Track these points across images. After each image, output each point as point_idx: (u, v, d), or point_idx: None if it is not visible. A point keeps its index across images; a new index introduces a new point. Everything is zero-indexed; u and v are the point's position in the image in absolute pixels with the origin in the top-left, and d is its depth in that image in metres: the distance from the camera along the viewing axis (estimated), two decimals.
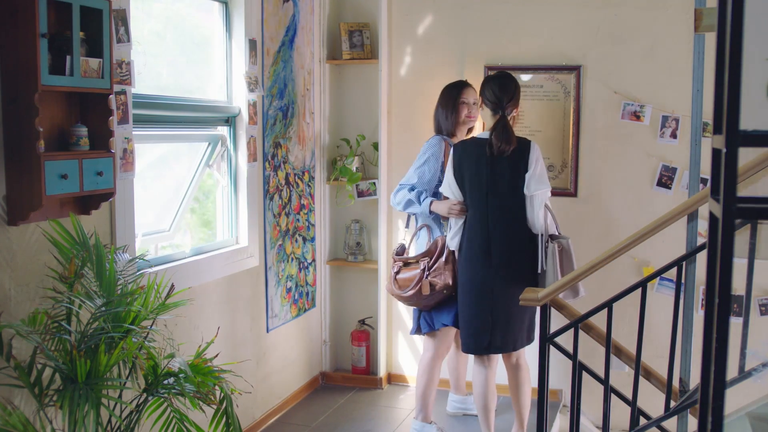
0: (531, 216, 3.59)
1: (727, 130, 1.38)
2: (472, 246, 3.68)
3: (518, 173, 3.60)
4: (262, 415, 4.25)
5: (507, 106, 3.63)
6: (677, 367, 3.10)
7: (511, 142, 3.59)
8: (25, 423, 2.30)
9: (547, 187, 3.62)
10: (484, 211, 3.65)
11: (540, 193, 3.58)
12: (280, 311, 4.40)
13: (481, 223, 3.66)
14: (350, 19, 4.90)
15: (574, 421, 3.10)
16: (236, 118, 3.97)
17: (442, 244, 3.83)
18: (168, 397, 2.61)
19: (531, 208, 3.59)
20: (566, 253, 3.59)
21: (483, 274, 3.64)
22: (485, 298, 3.65)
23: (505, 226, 3.63)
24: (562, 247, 3.59)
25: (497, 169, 3.63)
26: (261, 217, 4.16)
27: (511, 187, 3.61)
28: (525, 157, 3.60)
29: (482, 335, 3.68)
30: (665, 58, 4.34)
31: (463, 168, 3.70)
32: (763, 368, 2.73)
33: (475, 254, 3.66)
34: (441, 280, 3.78)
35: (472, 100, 4.05)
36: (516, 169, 3.60)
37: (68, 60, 2.55)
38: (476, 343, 3.70)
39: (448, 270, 3.78)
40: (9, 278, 2.57)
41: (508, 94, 3.63)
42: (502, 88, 3.64)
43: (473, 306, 3.69)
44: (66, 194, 2.60)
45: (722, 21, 1.41)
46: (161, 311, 2.68)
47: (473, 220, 3.69)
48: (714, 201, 1.52)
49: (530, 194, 3.58)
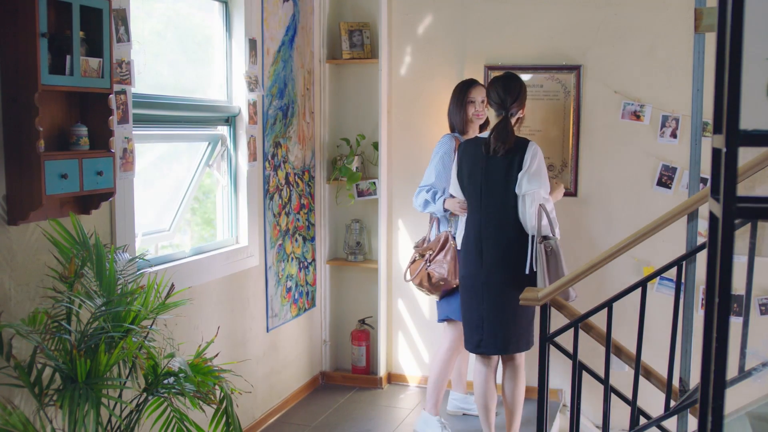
0: (523, 215, 3.58)
1: (727, 130, 1.38)
2: (467, 244, 3.74)
3: (512, 173, 3.59)
4: (262, 415, 4.25)
5: (511, 107, 3.63)
6: (677, 367, 3.10)
7: (506, 142, 3.59)
8: (25, 422, 2.30)
9: (541, 187, 3.57)
10: (478, 209, 3.70)
11: (532, 193, 3.55)
12: (280, 311, 4.40)
13: (475, 222, 3.70)
14: (350, 18, 4.90)
15: (574, 421, 3.10)
16: (236, 118, 3.97)
17: (445, 238, 3.98)
18: (168, 396, 2.61)
19: (523, 207, 3.58)
20: (554, 255, 3.56)
21: (476, 273, 3.68)
22: (477, 296, 3.69)
23: (497, 225, 3.64)
24: (551, 248, 3.56)
25: (491, 169, 3.64)
26: (261, 217, 4.16)
27: (504, 186, 3.61)
28: (521, 156, 3.59)
29: (474, 333, 3.72)
30: (665, 57, 4.34)
31: (463, 167, 3.76)
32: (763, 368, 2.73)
33: (470, 252, 3.71)
34: (437, 272, 3.96)
35: (480, 98, 4.08)
36: (510, 169, 3.60)
37: (68, 59, 2.55)
38: (469, 340, 3.77)
39: (446, 263, 3.94)
40: (9, 278, 2.57)
41: (512, 95, 3.64)
42: (506, 89, 3.64)
43: (467, 303, 3.76)
44: (66, 194, 2.60)
45: (722, 21, 1.41)
46: (161, 311, 2.68)
47: (470, 218, 3.75)
48: (714, 201, 1.52)
49: (521, 193, 3.57)
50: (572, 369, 3.09)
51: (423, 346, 4.93)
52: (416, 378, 4.97)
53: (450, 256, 3.95)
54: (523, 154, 3.59)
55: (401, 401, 4.72)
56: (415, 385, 4.96)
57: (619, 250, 3.02)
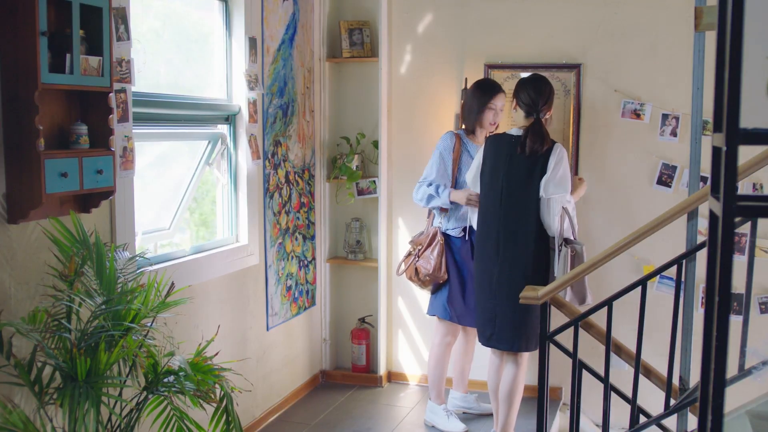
0: (546, 219, 3.58)
1: (728, 129, 1.38)
2: (484, 239, 3.76)
3: (535, 174, 3.59)
4: (263, 413, 4.25)
5: (542, 109, 3.65)
6: (677, 366, 3.10)
7: (544, 143, 3.60)
8: (25, 421, 2.30)
9: (566, 191, 3.58)
10: (498, 206, 3.69)
11: (558, 197, 3.55)
12: (280, 309, 4.40)
13: (494, 218, 3.70)
14: (350, 17, 4.90)
15: (574, 420, 3.10)
16: (236, 117, 3.97)
17: (434, 233, 4.08)
18: (168, 395, 2.61)
19: (547, 210, 3.57)
20: (579, 259, 3.56)
21: (491, 269, 3.71)
22: (491, 291, 3.72)
23: (517, 224, 3.64)
24: (576, 252, 3.56)
25: (515, 167, 3.65)
26: (261, 216, 4.16)
27: (526, 186, 3.61)
28: (545, 158, 3.59)
29: (487, 327, 3.76)
30: (665, 56, 4.34)
31: (487, 161, 3.77)
32: (762, 366, 2.73)
33: (487, 248, 3.74)
34: (424, 267, 4.08)
35: (500, 106, 4.07)
36: (533, 170, 3.60)
37: (68, 58, 2.55)
38: (482, 333, 3.81)
39: (433, 258, 4.04)
40: (9, 276, 2.57)
41: (543, 97, 3.65)
42: (537, 91, 3.66)
43: (480, 297, 3.80)
44: (66, 192, 2.60)
45: (722, 19, 1.41)
46: (161, 309, 2.68)
47: (488, 213, 3.74)
48: (714, 199, 1.52)
49: (546, 197, 3.57)
50: (572, 367, 3.09)
51: (423, 345, 4.93)
52: (416, 376, 4.97)
53: (437, 252, 4.04)
54: (548, 156, 3.59)
55: (401, 400, 4.72)
56: (415, 383, 4.97)
57: (619, 249, 3.02)
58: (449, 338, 4.20)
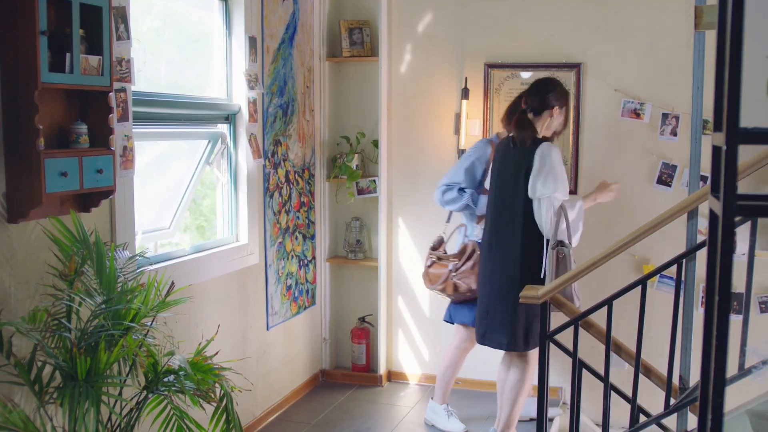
0: (537, 218, 3.58)
1: (728, 128, 1.38)
2: (484, 238, 3.82)
3: (521, 171, 3.60)
4: (263, 413, 4.25)
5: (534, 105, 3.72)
6: (677, 365, 3.10)
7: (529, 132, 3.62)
8: (25, 420, 2.30)
9: (557, 190, 3.53)
10: (493, 205, 3.76)
11: (548, 197, 3.52)
12: (280, 309, 4.40)
13: (489, 217, 3.78)
14: (350, 16, 4.89)
15: (574, 419, 3.10)
16: (236, 116, 3.97)
17: (472, 248, 3.96)
18: (168, 394, 2.61)
19: (537, 210, 3.57)
20: (564, 263, 3.52)
21: (485, 267, 3.77)
22: (485, 289, 3.77)
23: (507, 223, 3.67)
24: (563, 255, 3.53)
25: (506, 166, 3.70)
26: (261, 215, 4.16)
27: (513, 185, 3.63)
28: (530, 156, 3.58)
29: (480, 324, 3.80)
30: (665, 55, 4.34)
31: (494, 162, 3.85)
32: (762, 366, 2.73)
33: (483, 247, 3.80)
34: (465, 283, 3.94)
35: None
36: (519, 168, 3.61)
37: (68, 57, 2.55)
38: (477, 330, 3.84)
39: (474, 274, 3.92)
40: (9, 276, 2.57)
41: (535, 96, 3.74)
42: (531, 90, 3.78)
43: (479, 293, 3.84)
44: (66, 192, 2.60)
45: (722, 18, 1.41)
46: (161, 309, 2.68)
47: (488, 214, 3.81)
48: (714, 198, 1.52)
49: (535, 197, 3.56)
50: (572, 367, 3.09)
51: (423, 344, 4.94)
52: (416, 376, 4.97)
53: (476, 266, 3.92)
54: (533, 154, 3.58)
55: (401, 399, 4.72)
56: (415, 383, 4.97)
57: (619, 248, 3.01)
58: (467, 344, 4.15)
